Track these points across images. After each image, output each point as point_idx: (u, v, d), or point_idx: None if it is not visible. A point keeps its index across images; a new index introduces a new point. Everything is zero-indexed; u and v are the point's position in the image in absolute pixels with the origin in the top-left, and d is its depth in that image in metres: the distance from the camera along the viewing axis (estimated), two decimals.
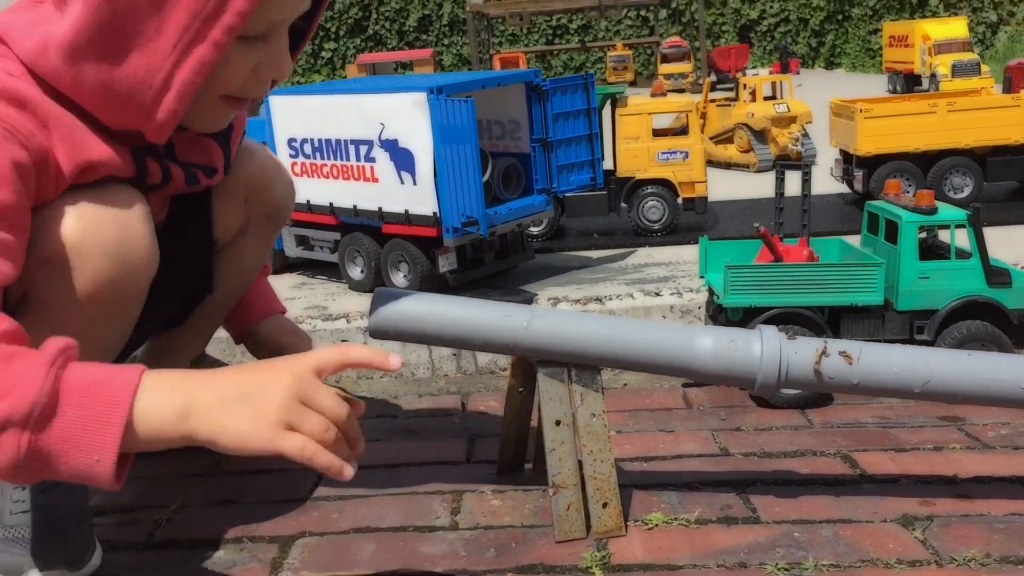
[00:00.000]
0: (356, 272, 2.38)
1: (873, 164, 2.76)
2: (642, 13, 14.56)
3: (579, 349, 1.39)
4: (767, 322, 1.89)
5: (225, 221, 1.38)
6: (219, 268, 1.42)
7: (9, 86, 0.97)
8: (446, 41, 14.89)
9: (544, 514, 1.34)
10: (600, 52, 13.64)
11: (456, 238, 2.12)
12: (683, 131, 2.74)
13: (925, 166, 2.75)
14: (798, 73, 10.57)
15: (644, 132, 2.71)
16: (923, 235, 1.96)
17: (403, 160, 2.17)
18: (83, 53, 0.97)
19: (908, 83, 6.59)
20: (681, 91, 8.73)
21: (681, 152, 2.70)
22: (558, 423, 1.36)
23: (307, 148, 2.40)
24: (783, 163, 2.01)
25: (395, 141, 2.18)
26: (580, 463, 1.33)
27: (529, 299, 2.21)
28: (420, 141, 2.11)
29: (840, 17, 13.81)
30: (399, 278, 2.29)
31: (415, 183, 2.16)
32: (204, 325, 1.51)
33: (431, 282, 2.25)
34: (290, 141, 2.44)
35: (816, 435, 1.71)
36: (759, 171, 3.79)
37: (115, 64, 0.98)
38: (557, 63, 14.41)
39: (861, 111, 2.75)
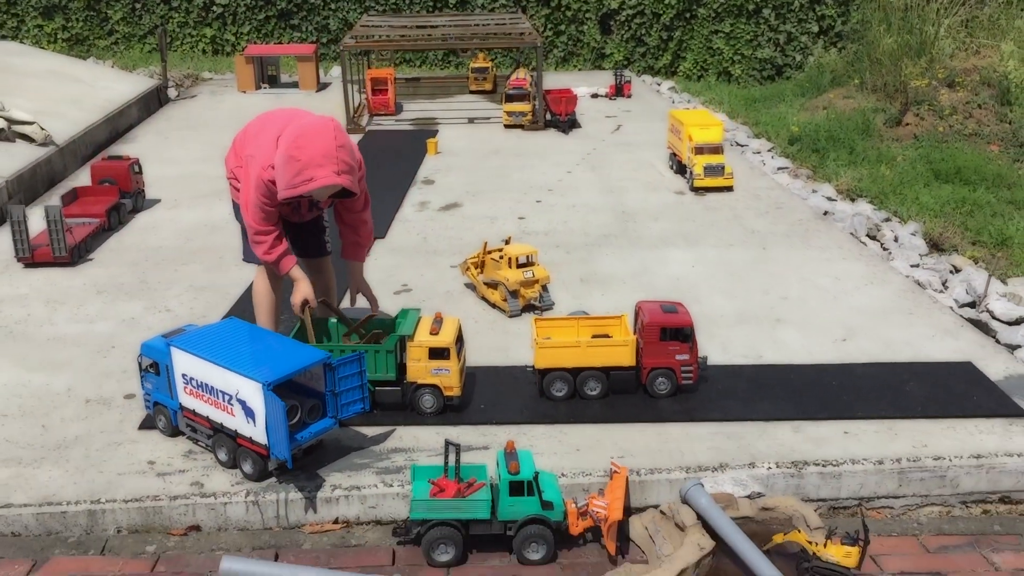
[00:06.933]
0: (223, 455, 4.08)
1: (544, 372, 4.57)
2: None
3: None
4: (430, 529, 3.68)
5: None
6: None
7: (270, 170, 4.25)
8: (333, 6, 15.90)
9: None
10: (466, 57, 14.96)
11: (275, 460, 3.85)
12: (446, 354, 4.42)
13: (575, 373, 4.56)
14: (630, 96, 12.25)
15: (424, 356, 4.39)
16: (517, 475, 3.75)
17: (248, 412, 3.87)
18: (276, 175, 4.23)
19: (680, 168, 8.41)
20: (521, 127, 10.39)
21: (446, 369, 4.41)
22: None
23: (194, 382, 4.06)
24: (448, 442, 3.78)
25: (244, 401, 3.87)
26: None
27: (318, 484, 3.96)
28: (257, 407, 3.81)
29: (688, 15, 15.45)
30: (247, 466, 4.00)
31: (255, 426, 3.87)
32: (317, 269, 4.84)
33: (264, 471, 3.98)
34: (183, 375, 4.10)
35: None
36: (511, 317, 5.57)
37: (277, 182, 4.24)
38: (425, 68, 15.77)
39: (536, 342, 4.54)
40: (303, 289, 4.43)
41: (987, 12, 12.55)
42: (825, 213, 7.71)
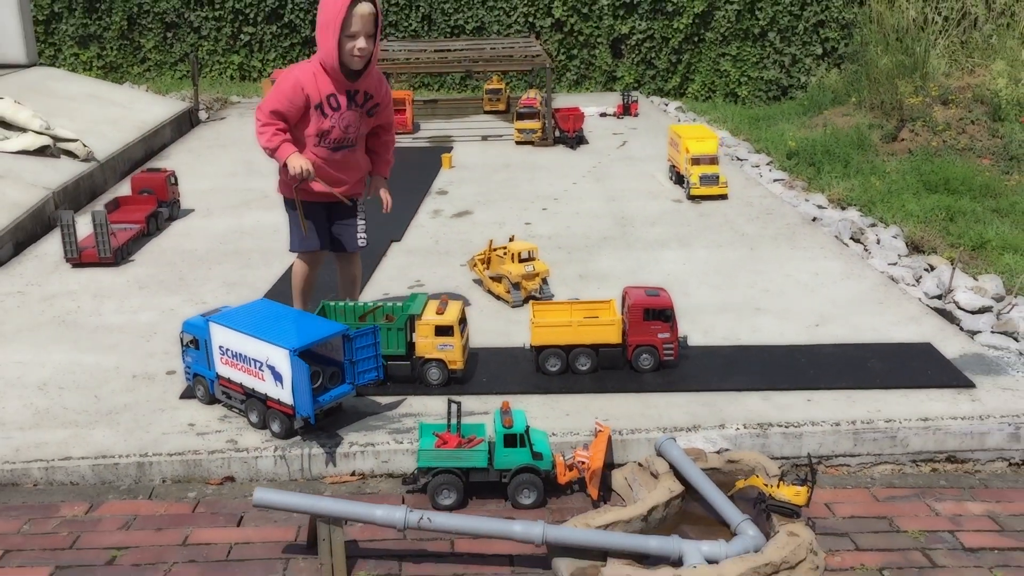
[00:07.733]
0: (254, 418, 4.64)
1: (540, 349, 5.10)
2: (529, 18, 16.47)
3: (325, 512, 3.71)
4: (434, 477, 4.21)
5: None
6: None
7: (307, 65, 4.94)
8: None
9: None
10: (482, 79, 15.61)
11: (301, 418, 4.40)
12: (450, 332, 4.97)
13: (567, 351, 5.09)
14: (637, 115, 12.82)
15: (430, 333, 4.95)
16: (511, 429, 4.27)
17: (277, 376, 4.42)
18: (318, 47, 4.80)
19: (679, 178, 8.95)
20: (532, 143, 10.98)
21: (450, 345, 4.96)
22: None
23: (229, 352, 4.63)
24: (451, 399, 4.31)
25: (273, 366, 4.42)
26: None
27: (337, 442, 4.50)
28: (284, 371, 4.36)
29: (696, 39, 16.04)
30: (275, 426, 4.55)
31: (282, 388, 4.42)
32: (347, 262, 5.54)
33: (290, 429, 4.52)
34: (220, 346, 4.66)
35: None
36: (514, 306, 6.11)
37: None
38: (443, 91, 16.45)
39: (533, 322, 5.07)
40: (297, 160, 4.92)
41: (983, 32, 13.05)
42: (813, 219, 8.20)
